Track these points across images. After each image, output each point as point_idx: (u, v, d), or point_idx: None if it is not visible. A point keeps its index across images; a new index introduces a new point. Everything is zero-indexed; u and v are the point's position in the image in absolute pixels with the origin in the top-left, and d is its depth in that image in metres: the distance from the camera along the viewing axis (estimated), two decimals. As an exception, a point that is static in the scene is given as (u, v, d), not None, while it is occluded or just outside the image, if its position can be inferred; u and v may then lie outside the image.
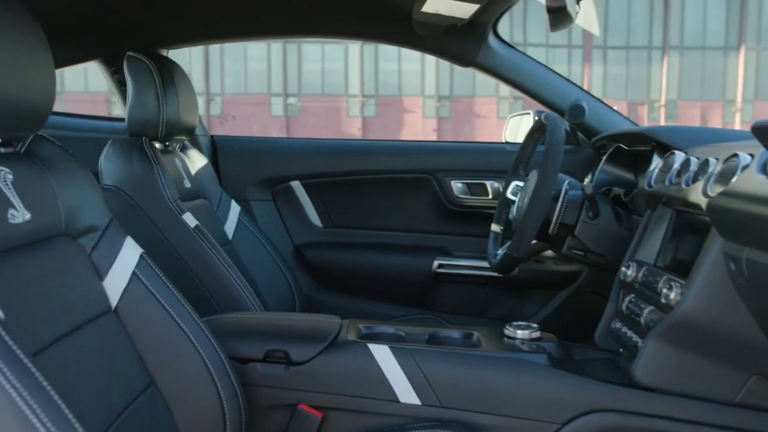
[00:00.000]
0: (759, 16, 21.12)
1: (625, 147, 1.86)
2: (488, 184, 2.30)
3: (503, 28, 2.13)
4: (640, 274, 1.41)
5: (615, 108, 2.21)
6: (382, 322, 1.55)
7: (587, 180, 2.06)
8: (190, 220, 1.68)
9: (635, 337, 1.35)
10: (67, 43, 2.04)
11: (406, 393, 1.32)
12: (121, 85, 2.13)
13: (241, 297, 1.67)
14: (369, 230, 2.43)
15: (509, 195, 1.91)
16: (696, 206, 1.26)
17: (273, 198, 2.42)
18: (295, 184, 2.41)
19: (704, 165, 1.30)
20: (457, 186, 2.32)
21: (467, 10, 1.76)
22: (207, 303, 1.66)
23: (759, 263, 1.03)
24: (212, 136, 2.41)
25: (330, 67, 21.19)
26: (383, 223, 2.43)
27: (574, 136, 2.25)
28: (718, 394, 1.26)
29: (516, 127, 2.48)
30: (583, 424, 1.29)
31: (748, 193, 1.04)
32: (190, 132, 1.92)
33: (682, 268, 1.31)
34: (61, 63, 2.10)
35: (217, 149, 2.39)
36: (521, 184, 1.85)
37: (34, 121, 1.07)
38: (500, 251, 1.81)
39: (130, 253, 1.21)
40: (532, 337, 1.45)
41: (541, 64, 2.16)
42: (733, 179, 1.13)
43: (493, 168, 2.30)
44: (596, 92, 2.21)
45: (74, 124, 2.34)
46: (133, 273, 1.20)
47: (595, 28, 2.12)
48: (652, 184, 1.52)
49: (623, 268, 1.47)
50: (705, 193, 1.21)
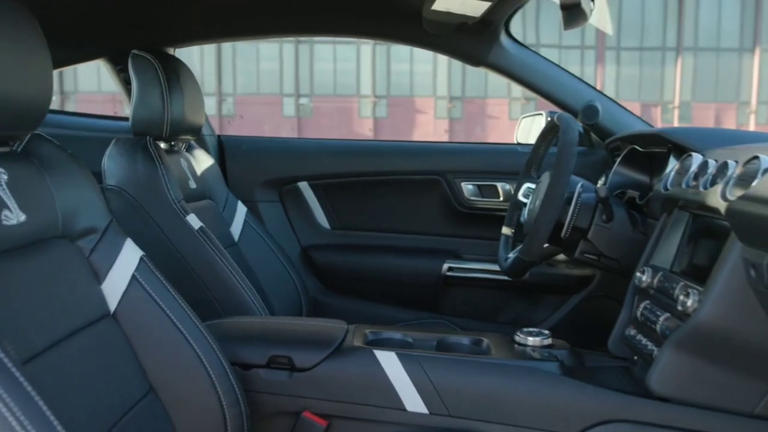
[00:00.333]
0: (774, 18, 20.98)
1: (639, 149, 1.82)
2: (499, 185, 2.26)
3: (515, 28, 2.10)
4: (655, 280, 1.37)
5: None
6: (389, 327, 1.52)
7: (600, 182, 2.01)
8: (194, 221, 1.66)
9: (650, 345, 1.31)
10: (73, 41, 2.02)
11: (413, 401, 1.28)
12: (127, 83, 2.10)
13: (245, 300, 1.64)
14: (377, 232, 2.40)
15: (521, 197, 1.87)
16: (714, 210, 1.22)
17: (280, 199, 2.39)
18: (303, 185, 2.38)
19: (723, 168, 1.26)
20: (467, 188, 2.29)
21: (478, 8, 1.73)
22: (210, 306, 1.63)
23: (781, 270, 0.99)
24: (219, 135, 2.39)
25: (342, 68, 21.19)
26: (392, 225, 2.39)
27: (588, 137, 2.21)
28: (736, 405, 1.21)
29: (528, 128, 2.44)
30: None
31: None
32: (195, 132, 1.89)
33: (698, 274, 1.27)
34: (67, 61, 2.08)
35: (224, 149, 2.36)
36: (533, 186, 1.82)
37: (31, 120, 1.04)
38: (511, 255, 1.77)
39: (129, 256, 1.18)
40: (544, 344, 1.41)
41: (554, 63, 2.12)
42: (754, 182, 1.09)
43: (505, 169, 2.26)
44: (609, 93, 2.16)
45: (79, 123, 2.31)
46: (133, 276, 1.17)
47: (608, 27, 2.08)
48: (668, 186, 1.48)
49: (638, 274, 1.43)
50: (724, 197, 1.17)
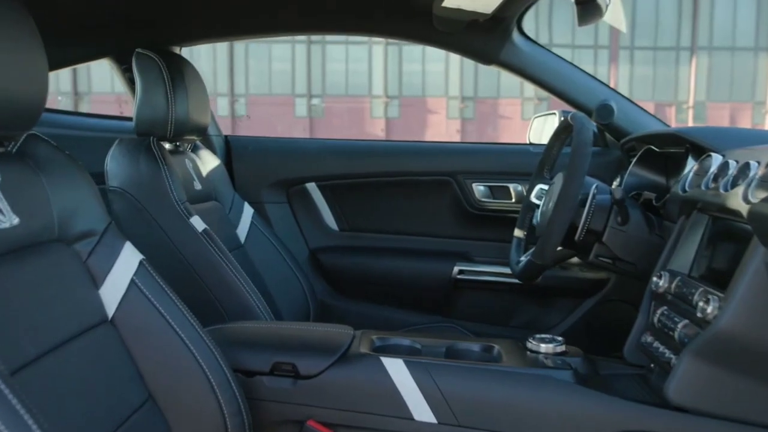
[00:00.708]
0: (790, 16, 20.79)
1: (656, 149, 1.77)
2: (511, 187, 2.22)
3: (528, 27, 2.05)
4: (673, 285, 1.32)
5: (642, 109, 2.11)
6: (397, 333, 1.48)
7: (615, 183, 1.97)
8: (198, 223, 1.62)
9: (668, 353, 1.26)
10: (78, 40, 1.99)
11: (421, 410, 1.24)
12: (132, 83, 2.07)
13: (249, 305, 1.60)
14: (387, 234, 2.36)
15: (533, 199, 1.83)
16: (735, 213, 1.17)
17: (288, 200, 2.35)
18: (311, 186, 2.34)
19: (744, 168, 1.21)
20: (478, 189, 2.24)
21: (490, 5, 1.68)
22: (214, 310, 1.60)
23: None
24: (226, 136, 2.36)
25: (354, 68, 21.20)
26: (401, 227, 2.35)
27: (602, 137, 2.16)
28: (757, 417, 1.16)
29: (541, 127, 2.40)
30: None
31: None
32: (201, 132, 1.86)
33: (718, 279, 1.22)
34: (73, 60, 2.06)
35: (231, 150, 2.33)
36: (546, 187, 1.77)
37: (26, 120, 1.01)
38: (523, 258, 1.73)
39: (128, 260, 1.15)
40: (557, 352, 1.36)
41: (567, 61, 2.07)
42: None
43: (517, 170, 2.21)
44: (623, 93, 2.11)
45: (82, 123, 2.29)
46: (132, 280, 1.13)
47: (622, 25, 2.03)
48: (687, 188, 1.43)
49: (655, 278, 1.38)
50: (746, 199, 1.13)
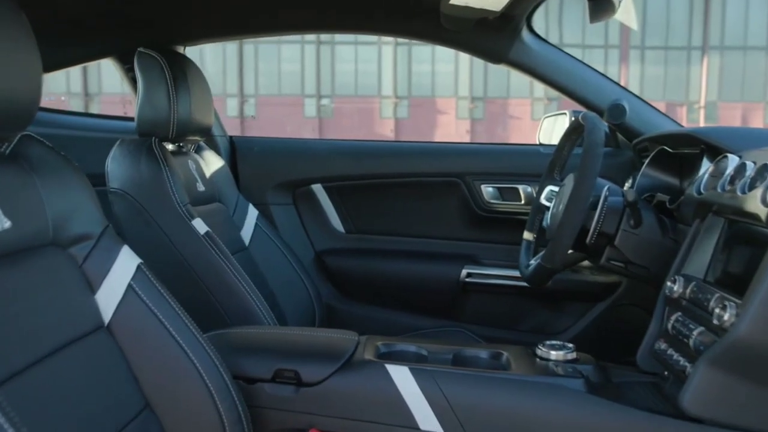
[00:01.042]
0: (803, 15, 20.63)
1: (669, 149, 1.73)
2: (521, 188, 2.18)
3: (538, 26, 2.01)
4: (687, 291, 1.28)
5: (653, 108, 2.07)
6: (403, 339, 1.44)
7: (627, 185, 1.92)
8: (200, 226, 1.59)
9: (683, 361, 1.22)
10: (79, 39, 1.97)
11: (426, 419, 1.20)
12: (135, 83, 2.05)
13: (252, 309, 1.57)
14: (394, 236, 2.32)
15: (543, 200, 1.79)
16: (753, 216, 1.13)
17: (293, 202, 2.32)
18: (317, 188, 2.31)
19: (762, 170, 1.16)
20: (487, 190, 2.20)
21: (499, 2, 1.64)
22: (216, 315, 1.57)
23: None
24: (231, 136, 2.33)
25: (363, 69, 21.17)
26: (409, 229, 2.31)
27: (614, 137, 2.12)
28: None
29: (551, 128, 2.36)
30: None
31: None
32: (204, 132, 1.83)
33: (734, 285, 1.18)
34: (75, 61, 2.04)
35: (236, 150, 2.30)
36: (556, 189, 1.73)
37: (19, 121, 0.98)
38: (533, 261, 1.69)
39: (126, 264, 1.12)
40: (567, 359, 1.32)
41: (578, 60, 2.03)
42: None
43: (526, 171, 2.17)
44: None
45: (84, 123, 2.26)
46: (129, 285, 1.10)
47: (633, 23, 1.99)
48: (702, 190, 1.38)
49: (669, 283, 1.34)
50: (764, 202, 1.09)
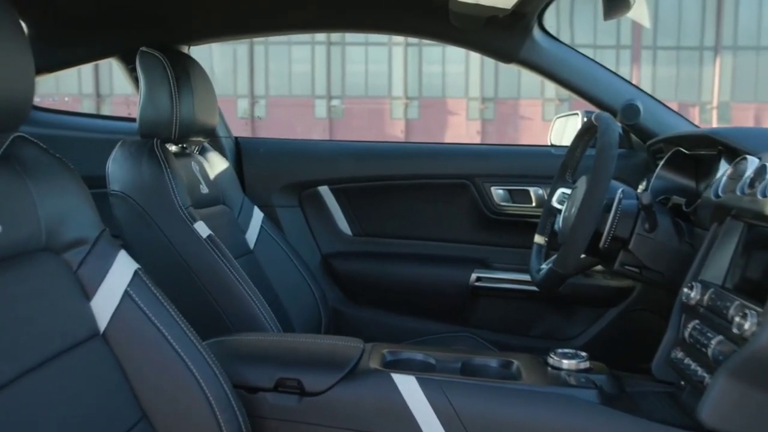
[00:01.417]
0: (817, 15, 20.50)
1: (685, 151, 1.68)
2: (531, 190, 2.13)
3: (549, 26, 1.97)
4: (705, 297, 1.23)
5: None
6: (410, 347, 1.40)
7: (641, 187, 1.88)
8: (203, 229, 1.55)
9: (701, 371, 1.17)
10: (82, 39, 1.95)
11: (433, 431, 1.16)
12: (138, 83, 2.02)
13: (255, 315, 1.53)
14: (402, 239, 2.28)
15: (555, 203, 1.74)
16: None
17: (300, 204, 2.28)
18: (324, 190, 2.27)
19: None
20: (497, 192, 2.16)
21: (509, 0, 1.60)
22: (219, 321, 1.53)
23: None
24: (236, 138, 2.29)
25: (373, 69, 21.18)
26: (417, 232, 2.27)
27: (627, 138, 2.08)
28: None
29: (562, 128, 2.31)
30: None
31: None
32: (208, 133, 1.80)
33: (755, 292, 1.13)
34: (78, 61, 2.01)
35: (241, 152, 2.26)
36: (568, 191, 1.69)
37: (11, 121, 0.94)
38: (544, 265, 1.65)
39: (122, 269, 1.08)
40: (580, 368, 1.27)
41: (590, 59, 1.98)
42: None
43: (537, 173, 2.13)
44: (645, 93, 2.02)
45: (86, 124, 2.23)
46: (125, 291, 1.06)
47: (645, 20, 1.96)
48: (720, 193, 1.34)
49: (685, 289, 1.29)
50: None
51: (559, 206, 1.72)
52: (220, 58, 19.91)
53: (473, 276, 2.15)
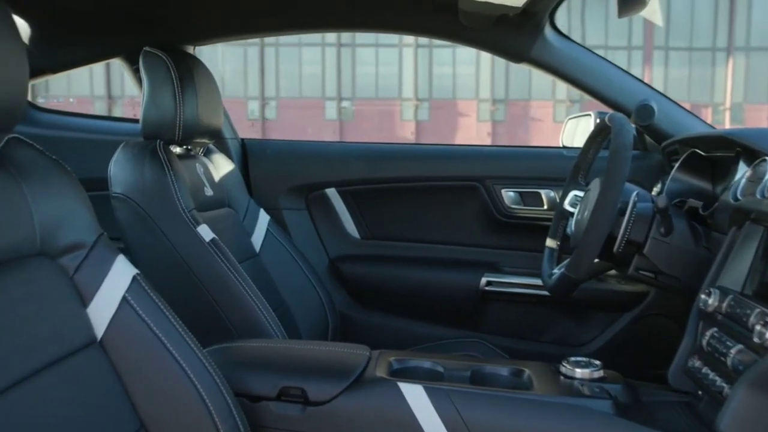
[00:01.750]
0: (831, 15, 20.35)
1: (701, 152, 1.64)
2: (543, 193, 2.10)
3: (559, 26, 1.93)
4: (724, 304, 1.19)
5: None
6: (418, 354, 1.37)
7: (656, 190, 1.83)
8: (206, 232, 1.52)
9: (720, 381, 1.13)
10: (86, 39, 1.93)
11: None
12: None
13: (259, 321, 1.50)
14: (411, 243, 2.25)
15: (567, 206, 1.71)
16: None
17: (307, 207, 2.25)
18: (331, 192, 2.24)
19: None
20: (508, 195, 2.12)
21: (519, -3, 1.57)
22: (222, 326, 1.50)
23: None
24: (243, 139, 2.27)
25: (384, 71, 21.19)
26: (426, 235, 2.24)
27: (641, 139, 2.04)
28: None
29: (574, 130, 2.27)
30: None
31: None
32: (213, 134, 1.77)
33: None
34: (82, 61, 1.99)
35: (248, 153, 2.23)
36: (581, 194, 1.65)
37: (5, 122, 0.91)
38: (556, 270, 1.61)
39: (120, 274, 1.05)
40: (594, 377, 1.23)
41: (603, 59, 1.94)
42: None
43: (549, 175, 2.09)
44: (657, 93, 1.98)
45: (90, 125, 2.21)
46: (123, 298, 1.03)
47: (658, 19, 1.91)
48: (739, 196, 1.30)
49: (703, 296, 1.25)
50: None
51: (571, 209, 1.69)
52: (230, 60, 19.96)
53: (483, 280, 2.11)
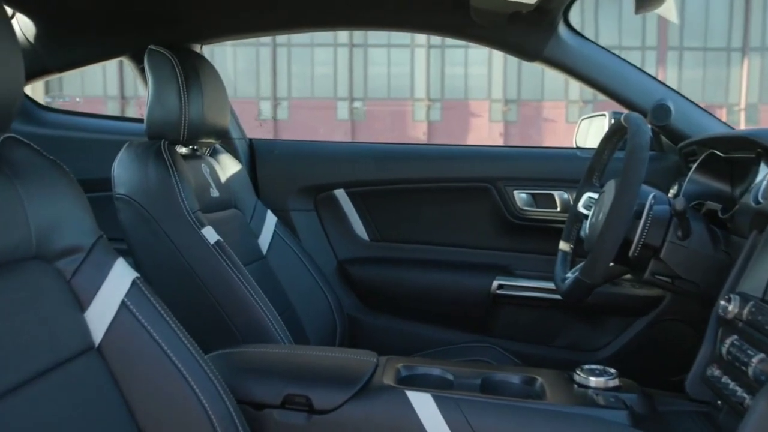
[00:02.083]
0: None
1: (720, 153, 1.59)
2: (556, 194, 2.05)
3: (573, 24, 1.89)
4: (745, 311, 1.15)
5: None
6: (426, 361, 1.33)
7: (672, 191, 1.79)
8: (211, 235, 1.49)
9: (740, 391, 1.09)
10: (92, 39, 1.91)
11: None
12: None
13: (265, 325, 1.47)
14: (420, 245, 2.21)
15: (581, 208, 1.67)
16: None
17: (315, 208, 2.22)
18: (340, 193, 2.20)
19: None
20: (520, 196, 2.08)
21: (533, -6, 1.53)
22: (227, 331, 1.47)
23: None
24: (251, 139, 2.24)
25: (396, 71, 21.20)
26: (437, 238, 2.20)
27: (657, 140, 1.99)
28: None
29: (588, 130, 2.23)
30: None
31: None
32: (219, 134, 1.74)
33: None
34: (87, 60, 1.97)
35: (256, 154, 2.20)
36: (595, 196, 1.61)
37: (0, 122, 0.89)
38: (570, 274, 1.57)
39: (120, 278, 1.02)
40: (609, 386, 1.19)
41: (618, 57, 1.90)
42: None
43: (563, 176, 2.05)
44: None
45: (94, 125, 2.19)
46: (122, 302, 1.00)
47: (673, 16, 1.87)
48: (761, 199, 1.25)
49: (722, 302, 1.21)
50: None
51: (585, 211, 1.65)
52: (242, 60, 20.01)
53: (495, 283, 2.08)
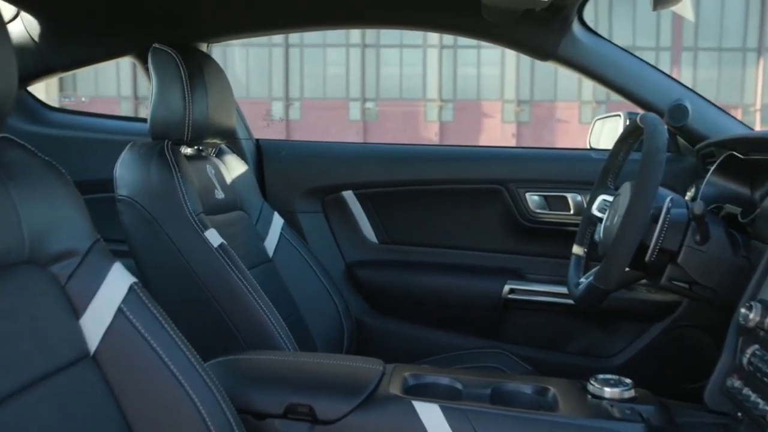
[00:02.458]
0: None
1: (739, 155, 1.55)
2: (570, 197, 2.01)
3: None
4: (767, 319, 1.10)
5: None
6: (435, 370, 1.30)
7: (689, 194, 1.74)
8: (214, 237, 1.46)
9: (762, 404, 1.04)
10: (97, 38, 1.89)
11: None
12: None
13: (269, 330, 1.43)
14: (430, 248, 2.17)
15: (595, 211, 1.62)
16: None
17: (323, 210, 2.19)
18: (348, 195, 2.17)
19: None
20: (532, 199, 2.04)
21: (545, -9, 1.48)
22: (230, 336, 1.44)
23: None
24: (258, 140, 2.21)
25: (408, 72, 21.17)
26: (446, 240, 2.16)
27: (674, 141, 1.94)
28: None
29: (601, 131, 2.19)
30: None
31: None
32: (225, 135, 1.71)
33: None
34: (93, 59, 1.95)
35: (263, 154, 2.17)
36: (610, 198, 1.57)
37: None
38: (583, 279, 1.52)
39: (116, 283, 0.98)
40: (624, 398, 1.15)
41: (634, 56, 1.85)
42: None
43: (576, 178, 2.01)
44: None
45: (98, 125, 2.16)
46: (119, 308, 0.97)
47: (689, 14, 1.83)
48: None
49: (743, 309, 1.16)
50: None
51: (600, 215, 1.60)
52: (255, 61, 20.05)
53: (506, 288, 2.04)
